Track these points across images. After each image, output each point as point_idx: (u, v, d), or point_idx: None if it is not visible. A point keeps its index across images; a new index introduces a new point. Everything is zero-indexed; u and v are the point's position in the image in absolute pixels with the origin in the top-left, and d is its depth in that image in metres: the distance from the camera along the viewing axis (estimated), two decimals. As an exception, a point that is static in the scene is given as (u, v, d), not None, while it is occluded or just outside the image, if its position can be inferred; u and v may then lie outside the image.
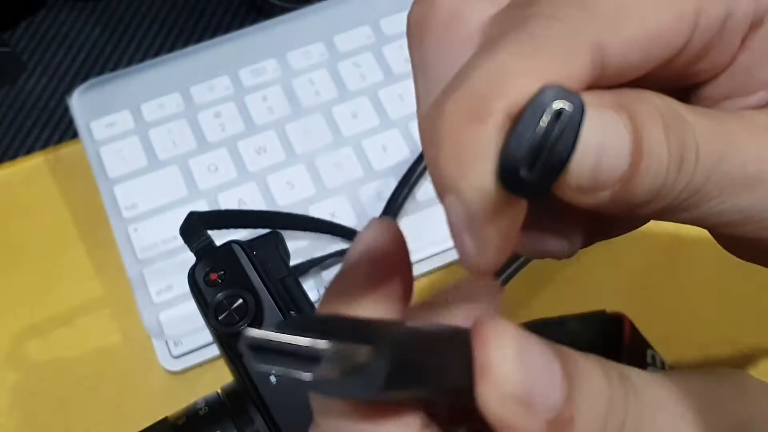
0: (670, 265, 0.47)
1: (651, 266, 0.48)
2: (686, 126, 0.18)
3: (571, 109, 0.16)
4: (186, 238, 0.38)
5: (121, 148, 0.51)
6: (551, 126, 0.16)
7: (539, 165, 0.16)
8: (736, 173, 0.18)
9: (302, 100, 0.52)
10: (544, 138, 0.16)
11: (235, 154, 0.50)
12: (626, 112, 0.17)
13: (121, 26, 0.60)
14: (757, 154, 0.19)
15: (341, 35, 0.55)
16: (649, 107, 0.18)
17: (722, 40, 0.19)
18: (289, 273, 0.37)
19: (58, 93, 0.57)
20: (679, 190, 0.18)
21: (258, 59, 0.54)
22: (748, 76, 0.20)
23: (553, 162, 0.16)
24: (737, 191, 0.19)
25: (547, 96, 0.16)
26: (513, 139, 0.16)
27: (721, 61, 0.20)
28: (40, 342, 0.46)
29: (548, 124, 0.16)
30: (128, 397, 0.45)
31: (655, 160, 0.17)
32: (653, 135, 0.17)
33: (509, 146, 0.16)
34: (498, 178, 0.17)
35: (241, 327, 0.34)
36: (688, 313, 0.46)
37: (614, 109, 0.17)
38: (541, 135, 0.16)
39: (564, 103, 0.16)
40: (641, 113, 0.18)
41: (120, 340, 0.46)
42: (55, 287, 0.48)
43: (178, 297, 0.46)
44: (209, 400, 0.35)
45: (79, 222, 0.50)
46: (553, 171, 0.17)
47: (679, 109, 0.18)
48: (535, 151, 0.16)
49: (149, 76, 0.54)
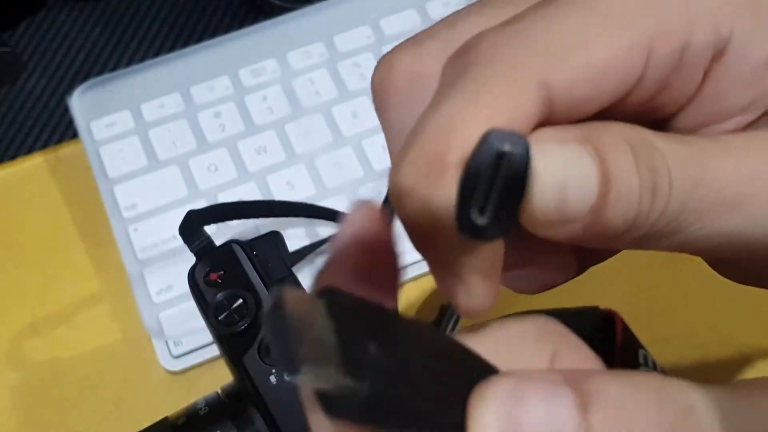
0: (669, 265, 0.47)
1: (650, 266, 0.48)
2: (656, 153, 0.18)
3: (516, 150, 0.16)
4: (185, 237, 0.38)
5: (121, 148, 0.51)
6: (496, 169, 0.16)
7: (490, 208, 0.17)
8: (713, 197, 0.18)
9: (302, 100, 0.52)
10: (491, 181, 0.16)
11: (235, 154, 0.50)
12: (591, 143, 0.17)
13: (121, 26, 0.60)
14: (735, 176, 0.18)
15: (341, 35, 0.55)
16: (615, 137, 0.18)
17: (682, 73, 0.19)
18: (289, 273, 0.37)
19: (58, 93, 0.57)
20: (654, 218, 0.18)
21: (258, 59, 0.54)
22: (717, 104, 0.20)
23: (505, 203, 0.17)
24: (716, 215, 0.18)
25: (491, 139, 0.16)
26: (462, 187, 0.17)
27: (684, 92, 0.20)
28: (40, 342, 0.46)
29: (492, 168, 0.16)
30: (128, 397, 0.45)
31: (624, 188, 0.17)
32: (621, 164, 0.17)
33: (459, 194, 0.17)
34: (456, 226, 0.17)
35: (241, 327, 0.34)
36: (687, 313, 0.46)
37: (578, 142, 0.17)
38: (488, 178, 0.16)
39: (508, 145, 0.16)
40: (607, 144, 0.17)
41: (120, 340, 0.46)
42: (55, 287, 0.48)
43: (178, 297, 0.46)
44: (209, 400, 0.35)
45: (79, 222, 0.50)
46: (506, 212, 0.17)
47: (649, 136, 0.18)
48: (484, 195, 0.16)
49: (149, 76, 0.54)
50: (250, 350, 0.34)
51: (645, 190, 0.17)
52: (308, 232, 0.48)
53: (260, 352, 0.34)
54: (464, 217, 0.17)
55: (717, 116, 0.20)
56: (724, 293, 0.46)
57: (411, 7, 0.55)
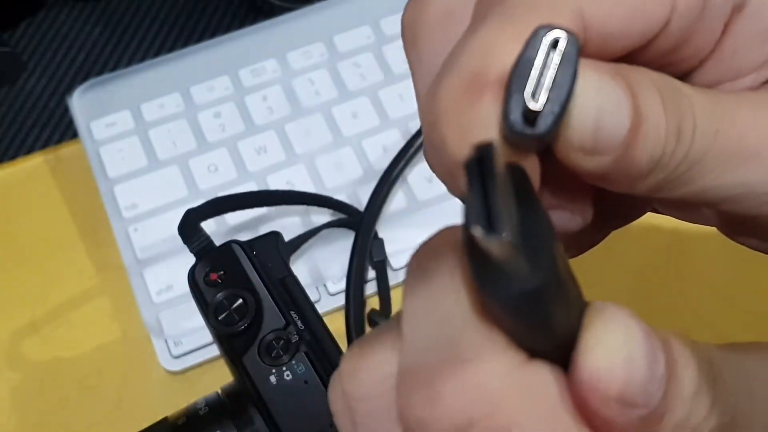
0: (670, 265, 0.47)
1: (651, 266, 0.48)
2: (683, 98, 0.18)
3: (567, 39, 0.16)
4: (185, 237, 0.38)
5: (121, 148, 0.51)
6: (549, 56, 0.16)
7: (543, 91, 0.16)
8: (734, 146, 0.19)
9: (302, 100, 0.52)
10: (544, 67, 0.16)
11: (235, 154, 0.50)
12: (624, 79, 0.18)
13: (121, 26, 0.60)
14: (754, 128, 0.19)
15: (341, 35, 0.55)
16: (645, 78, 0.18)
17: (703, 25, 0.19)
18: (289, 273, 0.37)
19: (58, 93, 0.57)
20: (677, 160, 0.18)
21: (258, 59, 0.54)
22: (735, 60, 0.21)
23: (557, 93, 0.17)
24: (735, 164, 0.19)
25: (540, 33, 0.16)
26: (514, 81, 0.16)
27: (704, 46, 0.20)
28: (40, 341, 0.46)
29: (546, 54, 0.16)
30: (128, 397, 0.45)
31: (653, 126, 0.18)
32: (650, 103, 0.18)
33: (511, 91, 0.16)
34: (504, 130, 0.17)
35: (241, 327, 0.34)
36: (688, 313, 0.46)
37: (611, 76, 0.18)
38: (542, 63, 0.16)
39: (559, 32, 0.16)
40: (638, 82, 0.18)
41: (120, 339, 0.46)
42: (55, 287, 0.48)
43: (178, 297, 0.46)
44: (209, 400, 0.35)
45: (79, 222, 0.50)
46: (558, 105, 0.17)
47: (676, 83, 0.19)
48: (537, 79, 0.16)
49: (149, 76, 0.54)
50: (250, 350, 0.34)
51: (671, 130, 0.18)
52: (304, 221, 0.48)
53: (260, 352, 0.34)
54: (514, 109, 0.16)
55: (733, 73, 0.21)
56: (724, 293, 0.46)
57: (411, 7, 0.55)
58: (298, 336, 0.34)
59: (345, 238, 0.47)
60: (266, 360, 0.34)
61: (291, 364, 0.34)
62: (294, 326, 0.34)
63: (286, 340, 0.34)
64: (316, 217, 0.48)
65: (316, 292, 0.46)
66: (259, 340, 0.34)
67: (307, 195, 0.48)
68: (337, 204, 0.48)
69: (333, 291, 0.46)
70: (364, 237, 0.46)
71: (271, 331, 0.34)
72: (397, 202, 0.49)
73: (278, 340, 0.34)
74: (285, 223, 0.47)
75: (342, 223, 0.47)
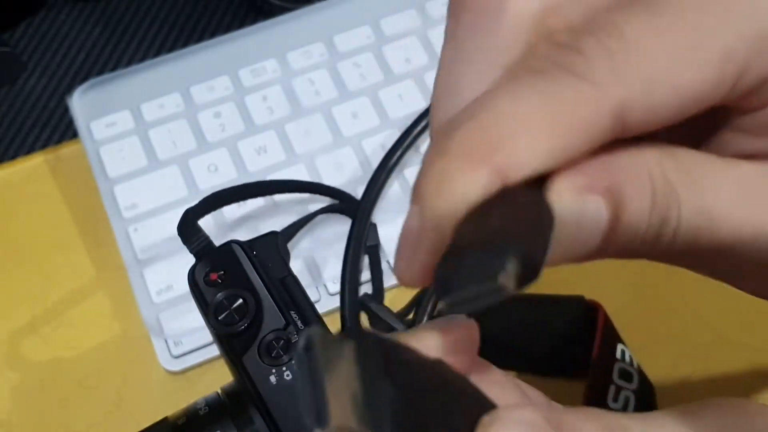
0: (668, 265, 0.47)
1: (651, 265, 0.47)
2: (672, 202, 0.18)
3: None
4: (184, 236, 0.38)
5: (121, 148, 0.51)
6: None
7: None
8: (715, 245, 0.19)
9: (302, 100, 0.52)
10: None
11: (235, 154, 0.50)
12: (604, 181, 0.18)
13: (121, 26, 0.60)
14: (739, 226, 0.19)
15: (341, 35, 0.55)
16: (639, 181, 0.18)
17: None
18: (289, 273, 0.37)
19: (58, 93, 0.57)
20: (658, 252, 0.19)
21: (258, 59, 0.54)
22: None
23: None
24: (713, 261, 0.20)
25: None
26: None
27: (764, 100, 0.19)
28: (40, 341, 0.46)
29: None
30: (128, 397, 0.45)
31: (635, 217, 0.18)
32: (635, 209, 0.18)
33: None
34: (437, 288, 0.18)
35: (241, 327, 0.34)
36: (688, 313, 0.46)
37: (600, 193, 0.18)
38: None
39: None
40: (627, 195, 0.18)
41: (120, 339, 0.46)
42: (55, 287, 0.48)
43: (178, 297, 0.46)
44: (209, 400, 0.35)
45: (79, 222, 0.50)
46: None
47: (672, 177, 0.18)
48: None
49: (149, 76, 0.54)
50: (250, 350, 0.34)
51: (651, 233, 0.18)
52: (300, 209, 0.48)
53: (260, 352, 0.34)
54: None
55: None
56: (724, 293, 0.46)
57: (411, 7, 0.56)
58: (298, 336, 0.34)
59: (341, 225, 0.47)
60: (266, 360, 0.34)
61: (291, 364, 0.34)
62: (294, 326, 0.34)
63: (286, 340, 0.34)
64: (310, 195, 0.48)
65: (315, 292, 0.46)
66: (259, 340, 0.34)
67: (303, 183, 0.48)
68: (334, 192, 0.48)
69: (332, 291, 0.46)
70: (361, 223, 0.46)
71: (271, 331, 0.34)
72: (393, 191, 0.49)
73: (278, 340, 0.34)
74: (285, 223, 0.47)
75: (337, 208, 0.47)
